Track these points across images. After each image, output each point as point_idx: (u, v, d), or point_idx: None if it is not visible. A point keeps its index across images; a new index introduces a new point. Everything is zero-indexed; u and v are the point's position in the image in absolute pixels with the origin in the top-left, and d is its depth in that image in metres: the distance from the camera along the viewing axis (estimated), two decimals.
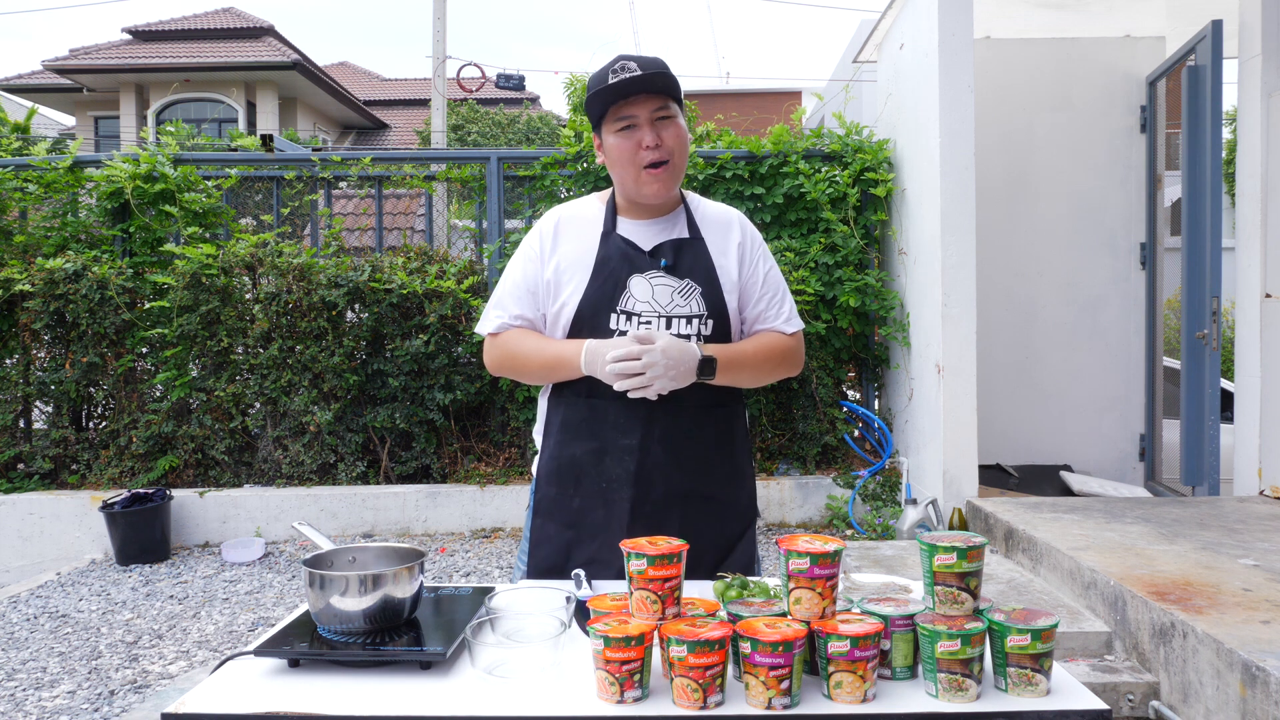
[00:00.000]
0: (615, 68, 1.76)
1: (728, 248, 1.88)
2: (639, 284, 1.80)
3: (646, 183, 1.80)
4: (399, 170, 6.13)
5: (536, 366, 1.85)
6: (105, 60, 19.30)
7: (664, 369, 1.69)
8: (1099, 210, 5.77)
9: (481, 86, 14.79)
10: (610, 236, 1.85)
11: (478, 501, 5.27)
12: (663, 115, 1.79)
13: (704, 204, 1.95)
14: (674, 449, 1.80)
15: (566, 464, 1.84)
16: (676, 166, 1.82)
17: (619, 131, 1.79)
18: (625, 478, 1.79)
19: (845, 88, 6.33)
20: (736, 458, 1.91)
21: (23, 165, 5.55)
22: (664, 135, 1.78)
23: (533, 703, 1.34)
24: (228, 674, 1.46)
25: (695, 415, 1.82)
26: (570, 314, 1.82)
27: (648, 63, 1.77)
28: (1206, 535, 3.60)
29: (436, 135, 13.28)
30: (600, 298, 1.80)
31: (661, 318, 1.79)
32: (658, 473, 1.80)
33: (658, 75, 1.75)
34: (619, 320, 1.79)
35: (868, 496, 5.23)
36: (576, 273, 1.83)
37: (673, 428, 1.80)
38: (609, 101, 1.78)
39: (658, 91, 1.78)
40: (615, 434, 1.80)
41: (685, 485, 1.81)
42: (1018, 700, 1.33)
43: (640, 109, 1.77)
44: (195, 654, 3.66)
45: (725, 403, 1.87)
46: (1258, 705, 2.27)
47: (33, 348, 5.32)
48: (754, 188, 5.47)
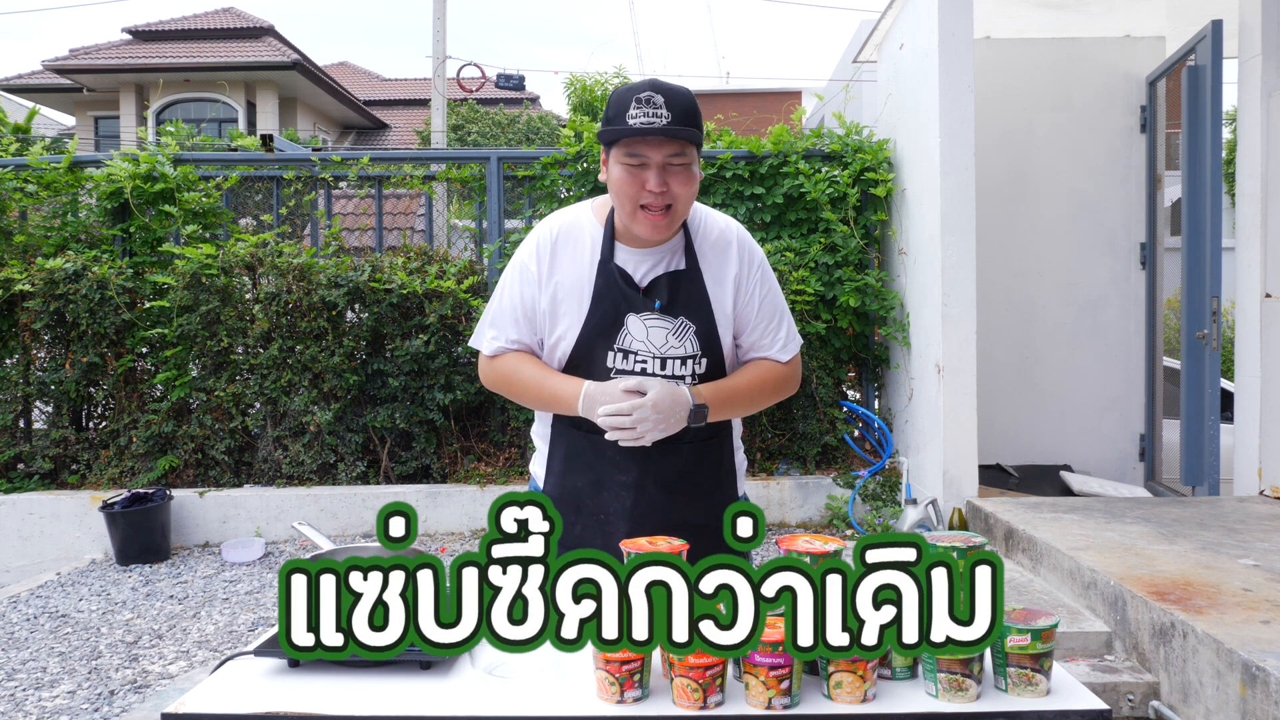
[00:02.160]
0: (641, 97, 1.67)
1: (724, 277, 1.85)
2: (635, 324, 1.80)
3: (641, 222, 1.74)
4: (399, 170, 6.13)
5: (533, 398, 1.87)
6: (105, 60, 19.30)
7: (654, 423, 1.71)
8: (1099, 210, 5.77)
9: (481, 86, 14.80)
10: (607, 266, 1.81)
11: (478, 501, 5.27)
12: (677, 162, 1.71)
13: (705, 221, 1.89)
14: (669, 487, 1.83)
15: (568, 493, 1.87)
16: (678, 213, 1.75)
17: (626, 166, 1.72)
18: (622, 512, 1.83)
19: (845, 88, 6.33)
20: (732, 489, 1.95)
21: (22, 165, 5.55)
22: (671, 182, 1.71)
23: (533, 703, 1.34)
24: (228, 674, 1.46)
25: (690, 452, 1.85)
26: (568, 348, 1.82)
27: (675, 102, 1.68)
28: (1206, 535, 3.60)
29: (436, 135, 13.28)
30: (597, 335, 1.80)
31: (656, 358, 1.80)
32: (653, 512, 1.83)
33: (682, 130, 1.67)
34: (615, 358, 1.80)
35: (868, 496, 5.23)
36: (573, 305, 1.82)
37: (668, 466, 1.83)
38: (629, 137, 1.70)
39: (677, 137, 1.69)
40: (612, 469, 1.83)
41: (680, 519, 1.82)
42: (1018, 700, 1.33)
43: (654, 151, 1.69)
44: (195, 654, 3.66)
45: (715, 434, 1.90)
46: (1258, 705, 2.27)
47: (33, 348, 5.32)
48: (754, 188, 5.47)
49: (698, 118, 1.73)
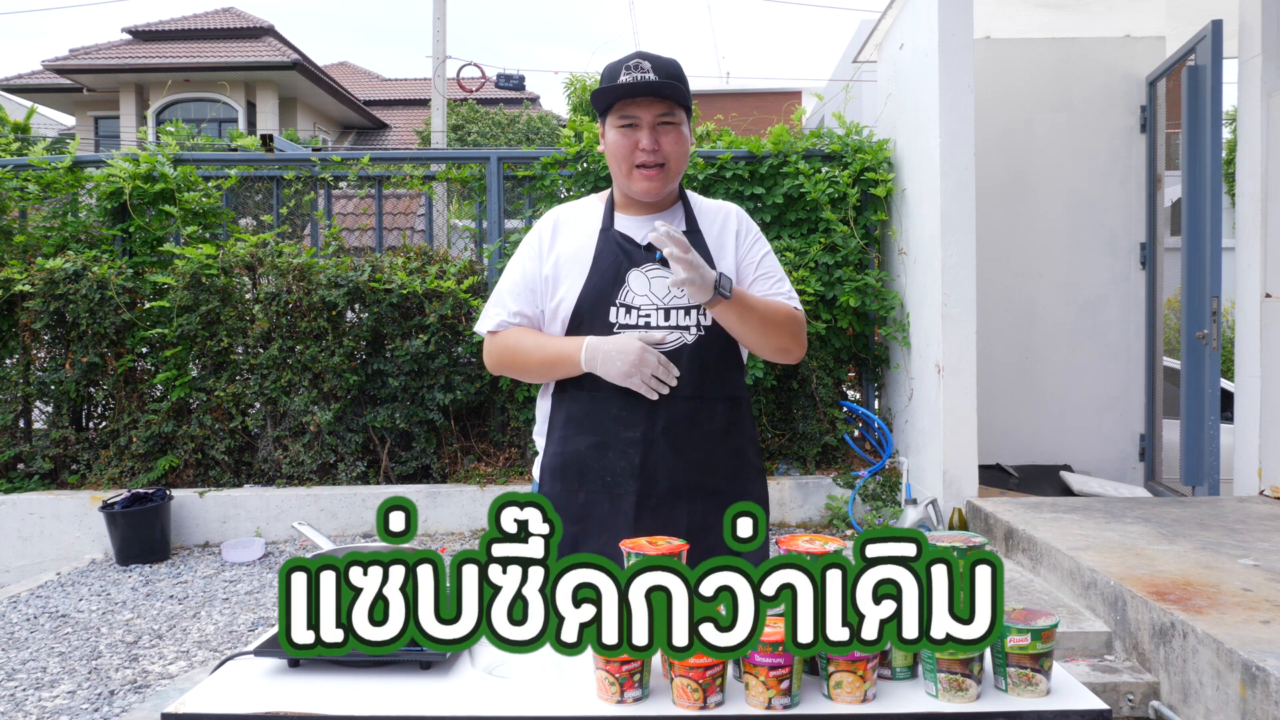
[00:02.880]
0: (629, 64, 1.79)
1: (724, 239, 1.91)
2: (637, 278, 1.82)
3: (637, 180, 1.83)
4: (399, 170, 6.13)
5: (536, 364, 1.86)
6: (105, 60, 19.30)
7: (695, 266, 1.67)
8: (1099, 210, 5.77)
9: (481, 86, 14.80)
10: (608, 232, 1.87)
11: (478, 501, 5.27)
12: (666, 121, 1.81)
13: (702, 201, 1.97)
14: (677, 442, 1.80)
15: (571, 459, 1.84)
16: (671, 171, 1.84)
17: (620, 128, 1.82)
18: (629, 471, 1.79)
19: (845, 88, 6.33)
20: (744, 453, 1.91)
21: (23, 165, 5.55)
22: (663, 140, 1.81)
23: (533, 703, 1.34)
24: (228, 674, 1.46)
25: (698, 408, 1.82)
26: (569, 308, 1.83)
27: (662, 66, 1.80)
28: (1206, 535, 3.60)
29: (436, 135, 13.28)
30: (599, 291, 1.81)
31: (660, 310, 1.81)
32: (662, 466, 1.80)
33: (667, 84, 1.77)
34: (618, 313, 1.80)
35: (868, 496, 5.23)
36: (574, 267, 1.84)
37: (675, 421, 1.80)
38: (615, 97, 1.80)
39: (665, 97, 1.80)
40: (618, 427, 1.80)
41: (690, 480, 1.81)
42: (1018, 700, 1.33)
43: (644, 111, 1.80)
44: (195, 654, 3.66)
45: (729, 395, 1.87)
46: (1258, 705, 2.27)
47: (33, 348, 5.32)
48: (754, 188, 5.47)
49: (684, 83, 1.83)
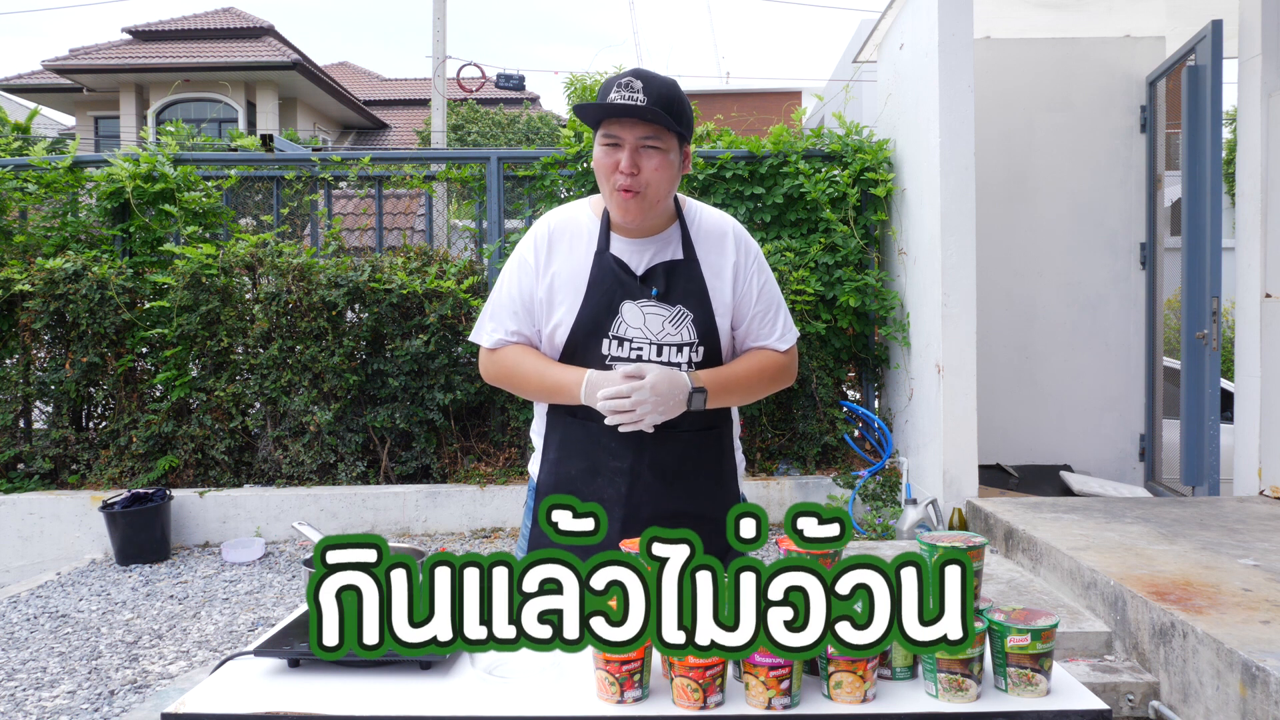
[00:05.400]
0: (621, 82, 1.73)
1: (722, 267, 1.87)
2: (631, 310, 1.80)
3: (615, 205, 1.78)
4: (399, 170, 6.13)
5: (535, 388, 1.87)
6: (105, 60, 19.29)
7: (653, 405, 1.72)
8: (1099, 210, 5.77)
9: (481, 86, 14.80)
10: (603, 256, 1.83)
11: (477, 501, 5.27)
12: (650, 145, 1.74)
13: (701, 215, 1.91)
14: (663, 474, 1.83)
15: (564, 480, 1.87)
16: (648, 199, 1.77)
17: (604, 146, 1.77)
18: (616, 498, 1.83)
19: (845, 88, 6.33)
20: (725, 480, 1.93)
21: (23, 165, 5.55)
22: (644, 164, 1.74)
23: (533, 703, 1.34)
24: (228, 674, 1.46)
25: (686, 441, 1.85)
26: (564, 336, 1.83)
27: (655, 89, 1.73)
28: (1206, 535, 3.60)
29: (436, 135, 13.28)
30: (593, 322, 1.81)
31: (653, 345, 1.80)
32: (647, 495, 1.83)
33: (649, 109, 1.70)
34: (611, 345, 1.81)
35: (868, 496, 5.23)
36: (570, 293, 1.83)
37: (663, 454, 1.83)
38: (599, 116, 1.76)
39: (650, 121, 1.73)
40: (607, 456, 1.83)
41: (674, 507, 1.83)
42: (1018, 700, 1.33)
43: (628, 132, 1.74)
44: (195, 654, 3.66)
45: (715, 425, 1.90)
46: (1258, 705, 2.27)
47: (33, 348, 5.32)
48: (754, 188, 5.47)
49: (677, 107, 1.76)
